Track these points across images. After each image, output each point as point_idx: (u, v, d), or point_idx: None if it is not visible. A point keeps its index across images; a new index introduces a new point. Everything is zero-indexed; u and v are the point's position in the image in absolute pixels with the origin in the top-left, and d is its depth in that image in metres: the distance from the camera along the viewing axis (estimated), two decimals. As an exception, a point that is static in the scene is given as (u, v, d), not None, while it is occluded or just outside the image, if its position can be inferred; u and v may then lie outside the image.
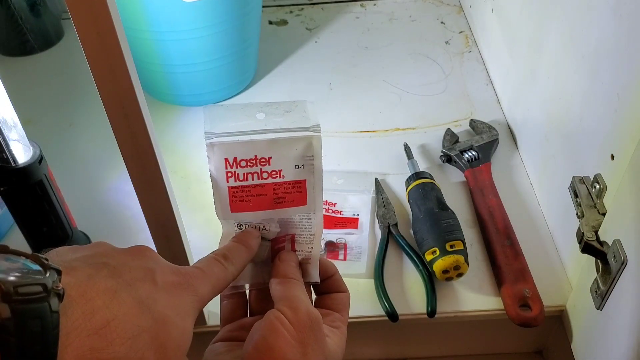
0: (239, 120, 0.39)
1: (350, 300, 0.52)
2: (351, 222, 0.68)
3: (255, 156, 0.39)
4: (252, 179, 0.40)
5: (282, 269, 0.39)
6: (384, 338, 0.66)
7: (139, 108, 0.40)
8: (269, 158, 0.39)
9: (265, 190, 0.40)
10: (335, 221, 0.68)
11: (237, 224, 0.40)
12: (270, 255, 0.42)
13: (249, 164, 0.39)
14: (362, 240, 0.66)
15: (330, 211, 0.69)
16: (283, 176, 0.40)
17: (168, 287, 0.31)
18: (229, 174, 0.39)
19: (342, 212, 0.69)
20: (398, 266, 0.64)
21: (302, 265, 0.42)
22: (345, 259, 0.64)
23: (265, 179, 0.40)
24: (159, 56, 0.78)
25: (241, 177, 0.40)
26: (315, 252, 0.42)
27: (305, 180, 0.40)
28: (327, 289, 0.43)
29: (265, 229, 0.41)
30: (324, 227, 0.47)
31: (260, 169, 0.40)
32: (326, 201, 0.69)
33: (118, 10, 0.36)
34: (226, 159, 0.39)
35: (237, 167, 0.39)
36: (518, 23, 0.75)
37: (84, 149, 0.80)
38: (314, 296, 0.44)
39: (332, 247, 0.65)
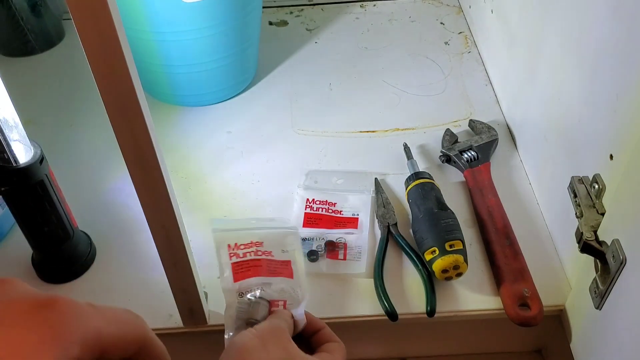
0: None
1: (350, 300, 0.52)
2: (351, 222, 0.68)
3: (252, 241, 0.53)
4: (250, 255, 0.52)
5: (274, 315, 0.49)
6: (384, 337, 0.66)
7: (139, 108, 0.40)
8: (261, 242, 0.53)
9: (261, 263, 0.52)
10: (335, 221, 0.68)
11: (239, 294, 0.50)
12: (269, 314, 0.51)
13: (246, 246, 0.53)
14: (362, 239, 0.66)
15: (330, 211, 0.69)
16: (273, 256, 0.53)
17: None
18: (231, 254, 0.52)
19: (342, 212, 0.69)
20: (398, 266, 0.64)
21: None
22: (345, 258, 0.64)
23: (260, 255, 0.53)
24: (159, 56, 0.78)
25: (241, 255, 0.52)
26: (301, 311, 0.51)
27: (290, 260, 0.53)
28: (319, 341, 0.49)
29: (264, 290, 0.51)
30: (325, 227, 0.66)
31: (256, 249, 0.53)
32: (326, 201, 0.70)
33: (119, 10, 0.37)
34: (229, 245, 0.52)
35: (237, 249, 0.52)
36: (517, 23, 0.75)
37: (84, 149, 0.80)
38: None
39: (332, 247, 0.65)
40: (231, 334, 0.49)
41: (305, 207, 0.69)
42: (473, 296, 0.61)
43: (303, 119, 0.83)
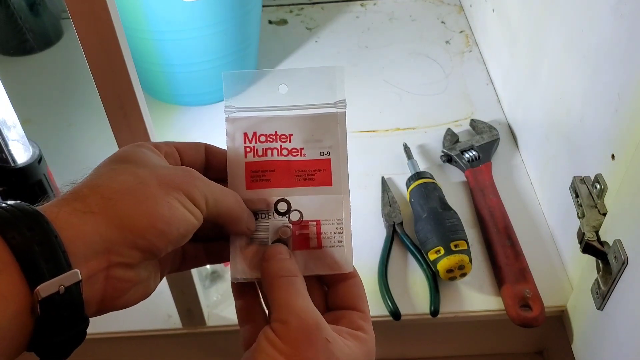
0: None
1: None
2: (321, 171, 0.59)
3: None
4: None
5: (267, 268, 0.34)
6: (385, 338, 0.66)
7: (138, 108, 0.40)
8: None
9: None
10: (296, 171, 0.63)
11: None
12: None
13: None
14: (339, 203, 0.58)
15: (284, 152, 0.63)
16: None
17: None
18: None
19: (303, 152, 0.62)
20: (402, 265, 0.64)
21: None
22: (320, 245, 0.54)
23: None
24: (158, 56, 0.78)
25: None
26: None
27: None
28: (345, 302, 0.36)
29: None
30: (280, 185, 0.39)
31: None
32: (275, 132, 0.61)
33: (117, 10, 0.36)
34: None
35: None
36: (518, 22, 0.75)
37: (83, 149, 0.80)
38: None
39: (299, 228, 0.49)
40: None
41: (246, 151, 0.38)
42: (474, 297, 0.61)
43: (303, 118, 0.83)
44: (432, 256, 0.60)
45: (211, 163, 0.37)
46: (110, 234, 0.29)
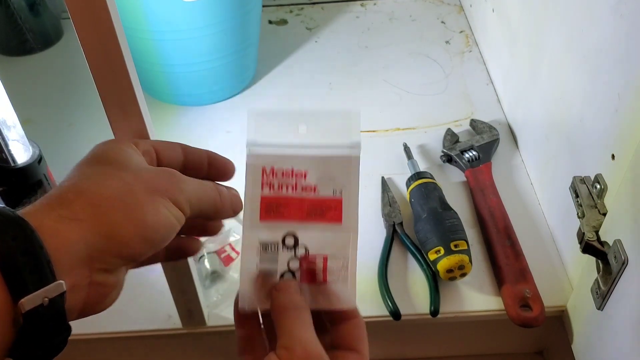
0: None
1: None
2: (331, 208, 0.60)
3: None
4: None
5: (278, 298, 0.35)
6: (385, 338, 0.66)
7: (138, 108, 0.40)
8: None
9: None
10: (308, 207, 0.62)
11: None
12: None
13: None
14: (343, 241, 0.60)
15: (299, 188, 0.62)
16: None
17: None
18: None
19: (316, 189, 0.62)
20: (402, 265, 0.64)
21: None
22: (325, 279, 0.57)
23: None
24: (158, 56, 0.78)
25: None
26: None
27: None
28: (345, 339, 0.37)
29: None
30: (293, 219, 0.41)
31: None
32: (292, 169, 0.60)
33: (117, 9, 0.36)
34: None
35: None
36: (518, 22, 0.75)
37: (83, 149, 0.79)
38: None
39: (307, 263, 0.53)
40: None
41: (262, 185, 0.40)
42: (474, 297, 0.61)
43: (303, 118, 0.83)
44: (432, 256, 0.60)
45: (188, 162, 0.39)
46: (96, 242, 0.29)
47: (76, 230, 0.28)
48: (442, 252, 0.59)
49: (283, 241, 0.39)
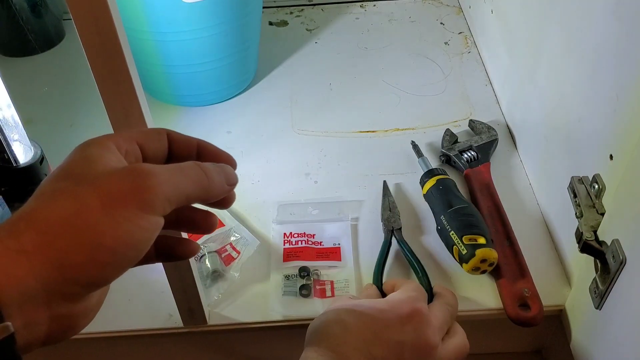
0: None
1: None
2: (333, 252, 0.64)
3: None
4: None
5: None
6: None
7: (139, 108, 0.40)
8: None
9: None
10: (317, 252, 0.64)
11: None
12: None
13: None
14: (348, 272, 0.63)
15: (310, 242, 0.65)
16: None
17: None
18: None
19: (322, 243, 0.65)
20: (397, 271, 0.64)
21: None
22: (333, 294, 0.61)
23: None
24: (159, 57, 0.78)
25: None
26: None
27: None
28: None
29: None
30: (307, 259, 0.64)
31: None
32: (304, 233, 0.66)
33: (119, 10, 0.37)
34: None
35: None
36: (517, 24, 0.75)
37: (84, 149, 0.80)
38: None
39: (319, 284, 0.62)
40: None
41: (284, 242, 0.65)
42: (473, 296, 0.61)
43: (303, 119, 0.83)
44: (469, 241, 0.59)
45: (174, 150, 0.37)
46: (47, 274, 0.27)
47: (23, 263, 0.26)
48: (484, 241, 0.59)
49: (299, 272, 0.62)
